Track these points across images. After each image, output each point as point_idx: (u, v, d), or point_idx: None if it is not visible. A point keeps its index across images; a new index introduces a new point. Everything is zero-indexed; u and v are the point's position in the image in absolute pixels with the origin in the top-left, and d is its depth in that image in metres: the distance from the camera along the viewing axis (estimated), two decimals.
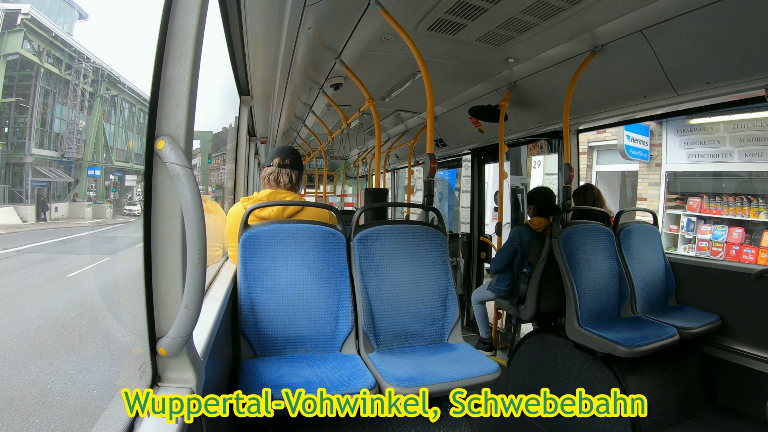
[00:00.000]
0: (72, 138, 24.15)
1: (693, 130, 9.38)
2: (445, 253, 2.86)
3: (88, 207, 23.71)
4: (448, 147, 6.68)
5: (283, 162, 2.96)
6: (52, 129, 23.44)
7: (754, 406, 3.13)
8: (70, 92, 24.26)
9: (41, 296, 7.97)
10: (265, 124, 6.30)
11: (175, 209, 1.22)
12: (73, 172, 24.39)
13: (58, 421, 4.19)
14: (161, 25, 1.21)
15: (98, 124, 25.98)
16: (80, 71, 24.49)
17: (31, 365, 5.27)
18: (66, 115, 24.30)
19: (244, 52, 3.31)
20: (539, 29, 3.29)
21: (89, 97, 25.48)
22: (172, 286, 1.26)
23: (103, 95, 26.47)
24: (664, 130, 9.80)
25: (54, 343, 5.95)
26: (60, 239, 15.54)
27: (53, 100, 23.44)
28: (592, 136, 10.86)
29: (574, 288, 3.40)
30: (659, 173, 9.94)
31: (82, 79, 24.68)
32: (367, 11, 3.06)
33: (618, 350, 3.02)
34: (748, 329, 3.33)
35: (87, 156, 25.29)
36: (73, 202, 23.48)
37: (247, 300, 2.47)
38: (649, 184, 10.09)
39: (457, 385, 2.22)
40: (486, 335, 4.99)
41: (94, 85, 25.82)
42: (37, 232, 17.48)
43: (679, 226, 9.58)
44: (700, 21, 2.79)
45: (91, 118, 25.67)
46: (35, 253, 12.24)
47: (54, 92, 23.29)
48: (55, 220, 21.10)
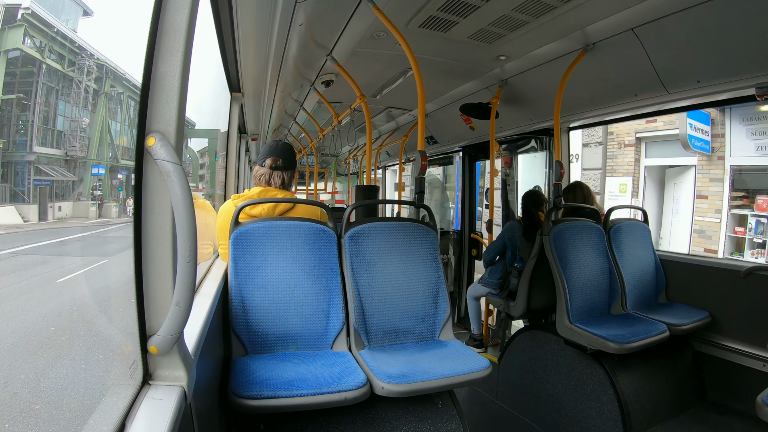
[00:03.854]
0: (75, 136, 23.75)
1: (763, 117, 8.15)
2: (435, 250, 2.87)
3: (92, 206, 23.31)
4: (439, 144, 6.69)
5: (275, 164, 2.94)
6: (55, 127, 22.92)
7: (743, 402, 3.16)
8: (73, 89, 23.83)
9: (23, 306, 7.26)
10: (256, 121, 6.26)
11: (166, 206, 1.21)
12: (78, 170, 23.99)
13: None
14: (152, 21, 1.20)
15: (103, 122, 25.57)
16: (83, 68, 24.07)
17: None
18: (69, 112, 23.81)
19: (235, 48, 3.29)
20: (531, 27, 3.30)
21: (93, 95, 25.05)
22: (162, 284, 1.25)
23: (108, 92, 26.07)
24: (728, 118, 8.57)
25: (24, 366, 5.11)
26: (59, 240, 15.12)
27: (56, 97, 22.92)
28: (640, 125, 9.64)
29: (565, 285, 3.41)
30: (722, 168, 8.66)
31: (86, 76, 24.25)
32: (358, 8, 3.05)
33: (608, 347, 3.03)
34: (737, 326, 3.36)
35: (91, 154, 24.82)
36: (77, 201, 23.09)
37: (238, 297, 2.46)
38: (711, 180, 8.83)
39: (448, 382, 2.23)
40: (477, 332, 5.01)
41: (99, 82, 25.33)
42: (37, 232, 17.10)
43: (746, 228, 8.48)
44: (691, 20, 2.81)
45: (96, 115, 25.23)
46: (30, 255, 11.75)
47: (57, 89, 22.79)
48: (59, 219, 20.53)
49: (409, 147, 7.71)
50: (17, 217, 17.84)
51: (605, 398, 3.12)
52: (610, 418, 3.07)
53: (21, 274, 9.41)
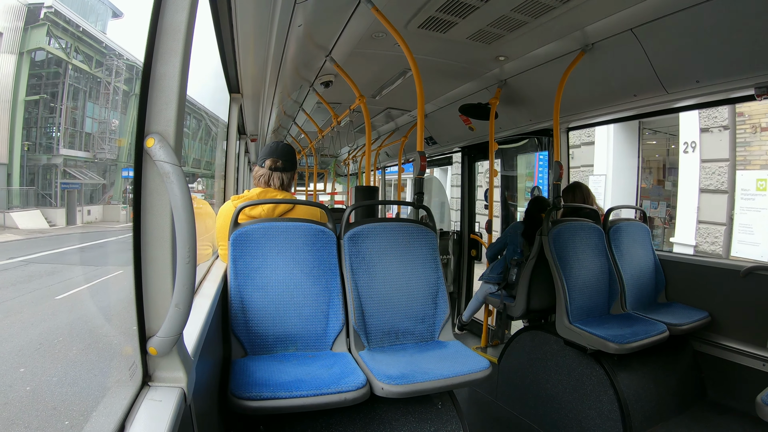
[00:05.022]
0: (105, 138, 23.35)
1: None
2: (435, 250, 2.87)
3: (123, 210, 22.90)
4: (438, 145, 6.70)
5: (275, 165, 2.95)
6: (83, 129, 22.48)
7: (743, 401, 3.16)
8: (101, 90, 23.30)
9: (5, 332, 6.01)
10: (255, 122, 6.27)
11: (165, 207, 1.21)
12: (109, 173, 23.59)
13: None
14: (151, 22, 1.20)
15: (134, 124, 25.37)
16: (112, 69, 23.73)
17: None
18: (98, 113, 23.36)
19: (234, 49, 3.29)
20: (530, 27, 3.30)
21: (123, 96, 24.70)
22: (161, 285, 1.25)
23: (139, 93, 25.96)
24: None
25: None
26: (78, 246, 14.28)
27: (84, 98, 22.54)
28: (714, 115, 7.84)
29: (564, 285, 3.41)
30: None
31: (115, 77, 23.89)
32: (357, 9, 3.05)
33: (608, 347, 3.04)
34: (736, 325, 3.36)
35: (122, 157, 24.39)
36: (107, 204, 22.71)
37: (237, 298, 2.46)
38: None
39: (448, 382, 2.23)
40: (466, 319, 5.10)
41: (129, 84, 24.91)
42: (59, 237, 16.33)
43: None
44: (690, 20, 2.81)
45: (126, 117, 24.89)
46: (40, 264, 10.84)
47: (84, 90, 22.41)
48: (88, 223, 19.92)
49: (408, 147, 7.71)
50: (42, 222, 17.35)
51: (605, 398, 3.12)
52: (610, 418, 3.07)
53: (22, 288, 8.47)
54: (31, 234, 15.26)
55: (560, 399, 3.41)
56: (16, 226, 15.47)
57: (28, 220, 16.60)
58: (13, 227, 15.30)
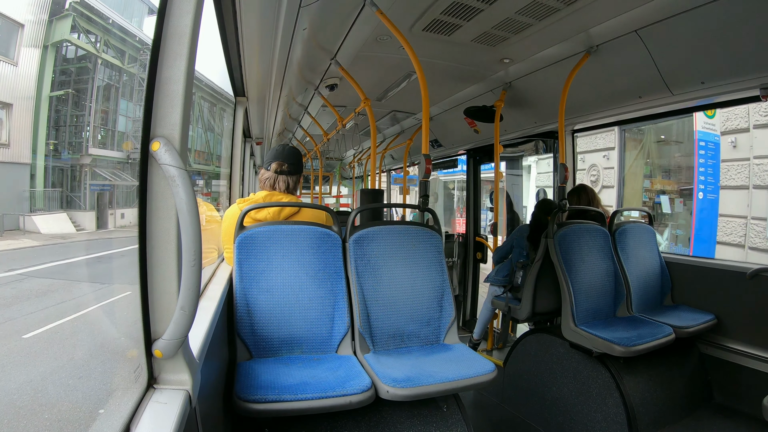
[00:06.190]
0: (139, 137, 22.86)
1: None
2: (440, 253, 2.86)
3: None
4: (443, 147, 6.69)
5: (280, 168, 2.95)
6: (115, 127, 21.50)
7: (750, 405, 3.14)
8: (135, 87, 22.35)
9: None
10: (260, 126, 6.29)
11: (170, 211, 1.22)
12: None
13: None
14: (156, 26, 1.21)
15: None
16: (146, 64, 23.29)
17: None
18: (132, 111, 22.48)
19: (239, 53, 3.31)
20: (534, 30, 3.30)
21: None
22: (167, 288, 1.25)
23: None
24: None
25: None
26: (97, 255, 13.11)
27: (116, 95, 21.59)
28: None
29: (570, 288, 3.40)
30: None
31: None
32: (362, 12, 3.06)
33: (614, 350, 3.02)
34: (743, 328, 3.34)
35: None
36: None
37: (242, 301, 2.46)
38: None
39: (453, 385, 2.22)
40: (477, 337, 5.02)
41: None
42: (82, 243, 15.45)
43: None
44: (695, 21, 2.80)
45: None
46: (39, 279, 8.30)
47: (117, 87, 21.49)
48: (121, 228, 19.06)
49: (413, 150, 7.71)
50: (69, 226, 16.58)
51: (611, 401, 3.10)
52: (616, 422, 3.05)
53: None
54: (49, 240, 14.05)
55: (566, 402, 3.39)
56: (38, 231, 14.73)
57: (53, 224, 15.72)
58: (33, 231, 14.61)
